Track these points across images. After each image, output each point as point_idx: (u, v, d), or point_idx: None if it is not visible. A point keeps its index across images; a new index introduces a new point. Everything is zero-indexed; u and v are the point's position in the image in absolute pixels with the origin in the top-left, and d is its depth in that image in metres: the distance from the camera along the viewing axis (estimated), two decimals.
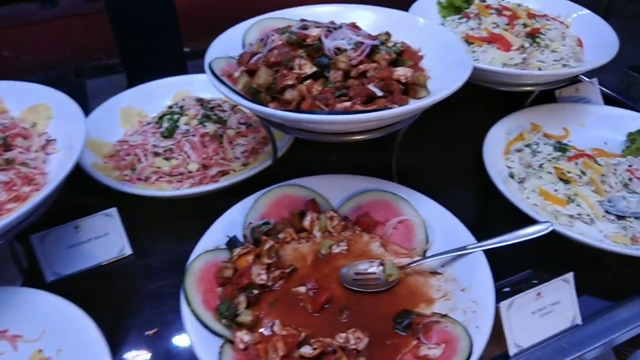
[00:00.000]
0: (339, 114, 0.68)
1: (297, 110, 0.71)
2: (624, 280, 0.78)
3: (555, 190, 0.86)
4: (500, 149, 0.98)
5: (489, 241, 0.72)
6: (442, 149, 1.08)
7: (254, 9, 0.92)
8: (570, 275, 0.69)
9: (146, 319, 0.72)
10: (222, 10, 1.43)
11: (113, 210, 0.80)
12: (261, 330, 0.65)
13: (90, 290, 0.76)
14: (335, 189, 0.85)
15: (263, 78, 0.73)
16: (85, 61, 1.33)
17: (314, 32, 0.77)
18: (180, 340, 0.70)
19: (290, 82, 0.72)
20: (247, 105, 0.70)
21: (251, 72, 0.77)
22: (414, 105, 0.72)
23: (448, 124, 1.09)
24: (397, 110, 0.69)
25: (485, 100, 1.12)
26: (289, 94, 0.72)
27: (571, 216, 0.84)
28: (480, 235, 0.73)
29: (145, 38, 1.17)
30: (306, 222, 0.80)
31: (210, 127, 0.97)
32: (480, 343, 0.59)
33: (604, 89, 1.18)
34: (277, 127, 0.77)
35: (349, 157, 1.00)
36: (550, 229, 0.71)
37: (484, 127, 0.98)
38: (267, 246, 0.72)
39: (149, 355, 0.68)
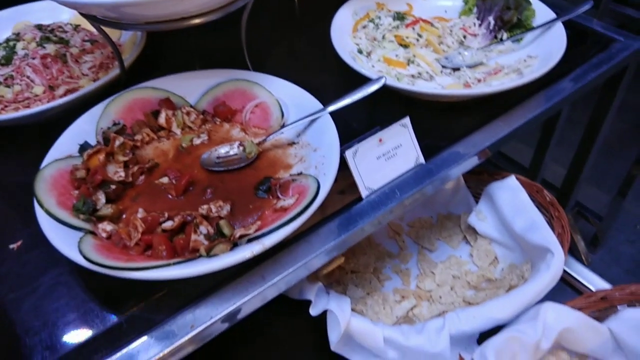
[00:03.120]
0: None
1: None
2: (458, 124, 0.86)
3: (397, 56, 0.93)
4: (349, 29, 1.02)
5: (333, 104, 0.77)
6: (295, 33, 1.10)
7: None
8: (406, 120, 0.76)
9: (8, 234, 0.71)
10: None
11: None
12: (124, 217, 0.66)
13: None
14: (190, 86, 0.86)
15: None
16: None
17: None
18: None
19: None
20: None
21: None
22: None
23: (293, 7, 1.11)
24: None
25: None
26: None
27: (412, 76, 0.90)
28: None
29: None
30: (161, 120, 0.80)
31: (51, 48, 0.93)
32: (326, 184, 0.65)
33: None
34: (106, 24, 0.75)
35: (203, 54, 1.00)
36: (383, 81, 0.77)
37: (333, 9, 1.02)
38: (117, 143, 0.72)
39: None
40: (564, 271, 0.99)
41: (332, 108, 0.77)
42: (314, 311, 0.81)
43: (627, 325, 0.81)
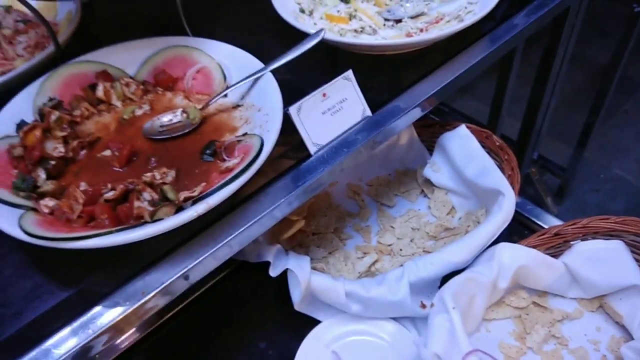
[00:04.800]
0: None
1: None
2: (404, 76, 0.86)
3: (338, 11, 0.92)
4: None
5: (274, 62, 0.76)
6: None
7: None
8: (349, 73, 0.75)
9: None
10: None
11: None
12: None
13: None
14: (129, 57, 0.83)
15: None
16: None
17: None
18: None
19: None
20: None
21: None
22: None
23: None
24: None
25: None
26: None
27: (355, 30, 0.90)
28: None
29: None
30: (99, 93, 0.78)
31: None
32: (270, 141, 0.64)
33: None
34: None
35: (140, 24, 0.97)
36: (322, 34, 0.76)
37: None
38: (53, 118, 0.70)
39: None
40: (520, 214, 1.02)
41: (273, 66, 0.76)
42: (273, 272, 0.82)
43: (580, 258, 0.83)
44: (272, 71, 0.75)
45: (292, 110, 0.70)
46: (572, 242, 0.86)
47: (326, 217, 1.03)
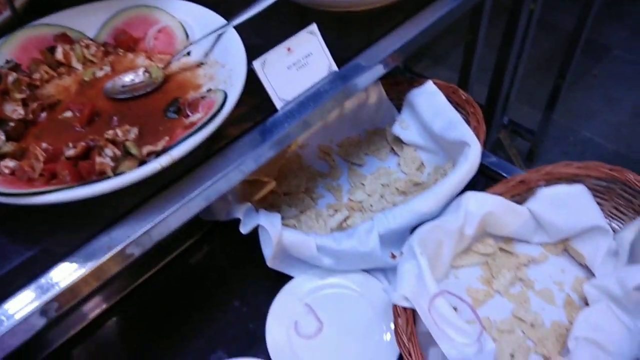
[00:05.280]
0: None
1: None
2: (370, 32, 0.86)
3: None
4: None
5: (237, 18, 0.75)
6: None
7: None
8: (313, 26, 0.75)
9: None
10: None
11: None
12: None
13: None
14: (88, 20, 0.81)
15: None
16: None
17: None
18: None
19: None
20: None
21: None
22: None
23: None
24: None
25: None
26: None
27: None
28: None
29: None
30: (59, 55, 0.76)
31: None
32: (233, 94, 0.64)
33: None
34: None
35: None
36: None
37: None
38: (11, 80, 0.68)
39: None
40: (486, 166, 1.04)
41: (236, 22, 0.75)
42: (244, 229, 0.82)
43: (544, 203, 0.86)
44: (238, 32, 0.75)
45: (256, 64, 0.70)
46: (536, 189, 0.88)
47: (297, 178, 1.03)
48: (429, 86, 1.00)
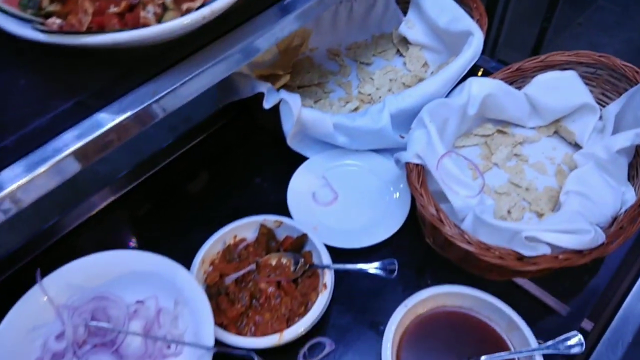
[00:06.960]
0: None
1: None
2: None
3: None
4: None
5: None
6: None
7: None
8: None
9: None
10: None
11: None
12: None
13: None
14: None
15: None
16: None
17: None
18: None
19: None
20: None
21: None
22: None
23: None
24: None
25: None
26: None
27: None
28: None
29: None
30: None
31: None
32: None
33: None
34: None
35: None
36: None
37: None
38: None
39: None
40: (486, 70, 1.12)
41: None
42: (267, 103, 0.89)
43: (539, 87, 0.93)
44: None
45: None
46: (532, 75, 0.96)
47: (309, 74, 1.10)
48: None
